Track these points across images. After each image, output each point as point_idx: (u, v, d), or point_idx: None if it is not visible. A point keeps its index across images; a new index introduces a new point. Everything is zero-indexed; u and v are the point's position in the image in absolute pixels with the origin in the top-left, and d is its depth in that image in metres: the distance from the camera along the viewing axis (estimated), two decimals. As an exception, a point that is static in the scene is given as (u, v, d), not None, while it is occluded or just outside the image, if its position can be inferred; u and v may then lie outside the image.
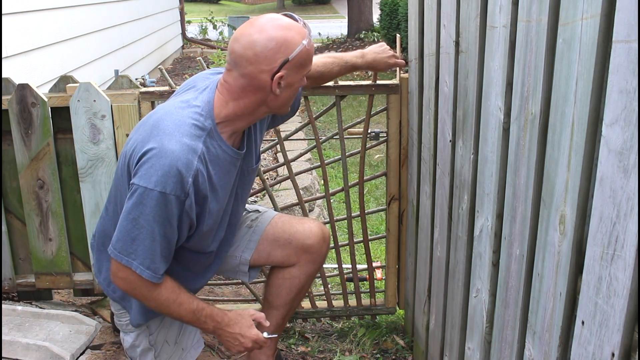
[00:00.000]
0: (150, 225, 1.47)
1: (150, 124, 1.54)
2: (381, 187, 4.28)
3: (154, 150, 1.47)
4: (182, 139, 1.48)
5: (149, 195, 1.45)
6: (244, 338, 1.66)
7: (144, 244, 1.49)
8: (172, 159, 1.44)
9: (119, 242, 1.51)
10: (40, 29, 4.26)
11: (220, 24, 11.97)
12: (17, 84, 2.13)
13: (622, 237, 0.87)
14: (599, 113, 0.95)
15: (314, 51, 1.60)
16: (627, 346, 0.88)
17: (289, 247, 1.89)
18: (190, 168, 1.46)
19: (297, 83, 1.55)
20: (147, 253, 1.50)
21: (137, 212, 1.47)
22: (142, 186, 1.45)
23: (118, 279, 1.56)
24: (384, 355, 2.35)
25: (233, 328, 1.65)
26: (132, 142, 1.56)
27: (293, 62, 1.49)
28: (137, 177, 1.47)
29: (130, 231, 1.49)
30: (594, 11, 0.93)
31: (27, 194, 2.22)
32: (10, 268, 2.33)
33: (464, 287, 1.67)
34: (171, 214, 1.48)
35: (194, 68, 8.72)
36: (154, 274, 1.52)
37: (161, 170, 1.44)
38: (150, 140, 1.49)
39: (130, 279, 1.53)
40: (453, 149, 1.74)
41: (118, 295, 1.73)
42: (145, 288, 1.55)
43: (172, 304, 1.59)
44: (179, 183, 1.45)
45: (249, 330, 1.66)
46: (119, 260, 1.52)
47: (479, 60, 1.47)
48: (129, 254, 1.50)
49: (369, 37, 12.52)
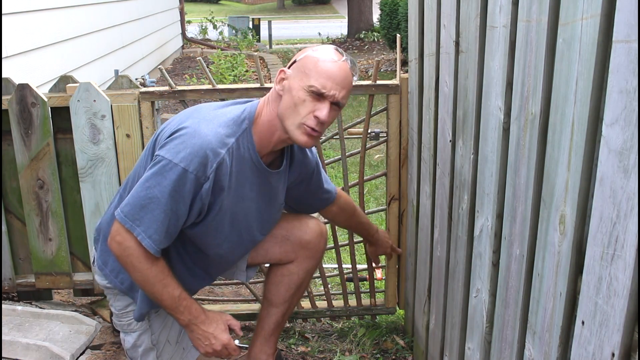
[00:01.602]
0: (164, 197, 1.49)
1: (192, 109, 1.63)
2: (381, 187, 4.28)
3: (187, 129, 1.52)
4: (217, 129, 1.53)
5: (171, 168, 1.48)
6: (215, 339, 1.65)
7: (153, 214, 1.50)
8: (203, 141, 1.49)
9: (128, 205, 1.52)
10: (40, 29, 4.26)
11: (220, 24, 11.97)
12: (17, 84, 2.13)
13: (622, 237, 0.87)
14: (599, 113, 0.95)
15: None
16: (627, 346, 0.88)
17: (286, 244, 1.89)
18: (217, 155, 1.50)
19: (294, 91, 1.53)
20: (152, 223, 1.51)
21: (155, 181, 1.49)
22: (167, 159, 1.49)
23: (114, 242, 1.56)
24: (384, 355, 2.35)
25: (207, 327, 1.65)
26: (166, 123, 1.62)
27: (298, 64, 1.55)
28: (164, 150, 1.51)
29: (143, 198, 1.51)
30: (594, 11, 0.93)
31: (27, 194, 2.22)
32: (10, 268, 2.33)
33: (464, 287, 1.67)
34: (187, 193, 1.50)
35: (194, 68, 8.72)
36: (154, 244, 1.52)
37: (190, 148, 1.48)
38: (186, 120, 1.55)
39: (127, 244, 1.53)
40: (453, 149, 1.74)
41: (126, 286, 1.71)
42: (139, 258, 1.54)
43: (158, 282, 1.58)
44: (203, 165, 1.48)
45: (222, 333, 1.66)
46: (122, 223, 1.53)
47: (479, 60, 1.47)
48: (134, 219, 1.51)
49: (369, 37, 12.53)
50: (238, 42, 10.49)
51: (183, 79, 7.59)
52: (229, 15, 15.19)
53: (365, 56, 10.85)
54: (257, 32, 12.31)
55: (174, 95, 2.19)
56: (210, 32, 12.19)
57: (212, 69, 7.32)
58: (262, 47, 11.91)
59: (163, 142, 1.54)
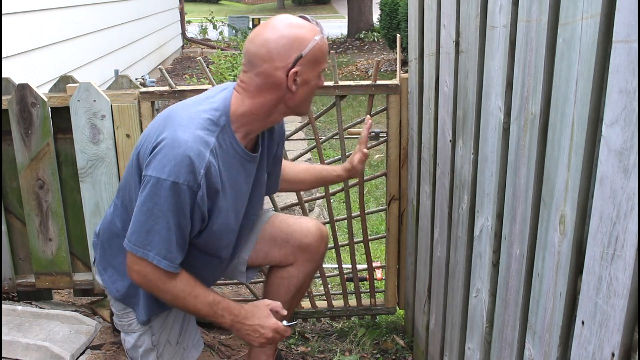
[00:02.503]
0: (165, 215, 1.48)
1: (165, 116, 1.57)
2: (381, 187, 4.28)
3: (166, 141, 1.48)
4: (195, 131, 1.49)
5: (162, 185, 1.46)
6: (264, 329, 1.63)
7: (160, 235, 1.50)
8: (185, 149, 1.46)
9: (134, 234, 1.52)
10: (40, 29, 4.26)
11: (220, 24, 11.97)
12: (17, 84, 2.13)
13: (622, 237, 0.87)
14: (599, 113, 0.95)
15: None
16: (627, 346, 0.88)
17: (286, 247, 1.88)
18: (203, 159, 1.47)
19: (312, 80, 1.56)
20: (163, 243, 1.50)
21: (152, 203, 1.48)
22: (155, 177, 1.46)
23: (133, 272, 1.56)
24: (384, 355, 2.35)
25: (251, 320, 1.63)
26: (145, 134, 1.58)
27: (307, 58, 1.52)
28: (149, 169, 1.49)
29: (145, 223, 1.50)
30: (594, 11, 0.93)
31: (27, 194, 2.22)
32: (10, 268, 2.33)
33: (464, 287, 1.67)
34: (184, 204, 1.48)
35: (194, 68, 8.71)
36: (171, 263, 1.53)
37: (174, 160, 1.45)
38: (163, 131, 1.52)
39: (145, 271, 1.53)
40: (453, 149, 1.73)
41: (123, 294, 1.72)
42: (161, 280, 1.55)
43: (188, 296, 1.58)
44: (192, 173, 1.46)
45: (267, 320, 1.64)
46: (134, 253, 1.52)
47: (479, 60, 1.47)
48: (144, 245, 1.51)
49: (369, 37, 12.52)
50: (238, 42, 10.49)
51: (183, 79, 7.59)
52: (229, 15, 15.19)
53: (365, 56, 10.85)
54: (257, 32, 12.28)
55: (174, 95, 2.19)
56: (210, 32, 12.19)
57: (212, 69, 7.31)
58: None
59: (147, 160, 1.51)
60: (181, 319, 1.83)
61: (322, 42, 1.54)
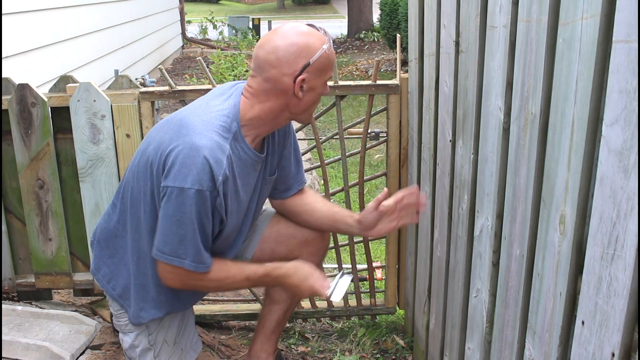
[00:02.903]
0: (192, 223, 1.53)
1: (177, 123, 1.58)
2: (381, 187, 4.28)
3: (184, 150, 1.50)
4: (211, 138, 1.52)
5: (187, 194, 1.49)
6: (299, 289, 1.71)
7: (191, 242, 1.55)
8: (204, 157, 1.49)
9: (167, 245, 1.56)
10: (40, 29, 4.26)
11: (220, 24, 11.97)
12: (17, 84, 2.13)
13: (622, 237, 0.87)
14: (599, 113, 0.95)
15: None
16: (627, 346, 0.88)
17: (292, 241, 1.90)
18: (221, 166, 1.51)
19: (318, 88, 1.60)
20: (195, 249, 1.56)
21: (180, 213, 1.51)
22: (178, 187, 1.49)
23: (170, 280, 1.62)
24: (384, 355, 2.35)
25: (290, 279, 1.71)
26: (157, 142, 1.58)
27: (314, 66, 1.55)
28: (170, 179, 1.50)
29: (176, 233, 1.54)
30: (594, 11, 0.93)
31: (27, 194, 2.22)
32: (10, 268, 2.33)
33: (464, 287, 1.67)
34: (208, 210, 1.53)
35: (194, 68, 8.71)
36: (205, 265, 1.59)
37: (195, 169, 1.48)
38: (178, 139, 1.53)
39: (181, 276, 1.60)
40: (453, 149, 1.74)
41: (117, 293, 1.74)
42: (198, 279, 1.62)
43: (225, 281, 1.66)
44: (212, 180, 1.50)
45: (307, 279, 1.70)
46: (169, 263, 1.57)
47: (479, 60, 1.47)
48: (178, 255, 1.56)
49: (369, 37, 12.52)
50: (238, 42, 10.49)
51: (183, 79, 7.59)
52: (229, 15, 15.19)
53: (365, 56, 10.85)
54: (257, 32, 12.30)
55: (174, 95, 2.19)
56: (210, 32, 12.19)
57: (212, 69, 7.31)
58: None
59: (166, 170, 1.52)
60: (179, 319, 1.84)
61: (329, 51, 1.58)
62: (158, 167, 1.54)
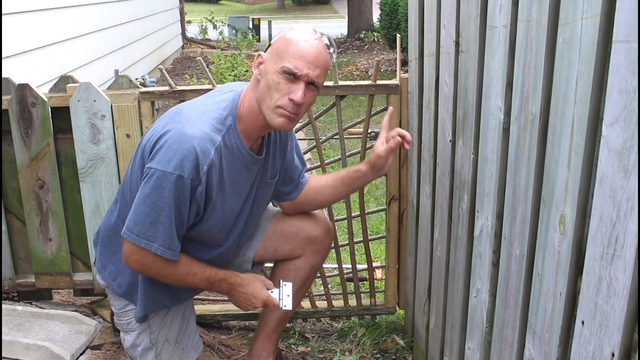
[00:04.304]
0: (169, 207, 1.51)
1: (173, 112, 1.61)
2: (381, 187, 4.28)
3: (172, 135, 1.51)
4: (202, 128, 1.52)
5: (167, 178, 1.49)
6: (255, 298, 1.72)
7: (164, 226, 1.53)
8: (191, 144, 1.49)
9: (137, 225, 1.54)
10: (40, 29, 4.26)
11: (220, 24, 11.96)
12: (17, 84, 2.13)
13: (622, 237, 0.87)
14: (599, 113, 0.95)
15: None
16: (627, 346, 0.88)
17: (295, 240, 1.91)
18: (207, 156, 1.51)
19: (270, 74, 1.53)
20: (166, 234, 1.54)
21: (156, 195, 1.50)
22: (161, 170, 1.49)
23: (132, 261, 1.60)
24: (384, 355, 2.35)
25: (245, 288, 1.72)
26: (152, 129, 1.60)
27: (272, 47, 1.57)
28: (154, 161, 1.51)
29: (149, 214, 1.52)
30: (594, 11, 0.93)
31: (27, 194, 2.22)
32: (10, 268, 2.33)
33: (464, 287, 1.67)
34: (186, 197, 1.52)
35: (194, 68, 8.71)
36: (174, 252, 1.58)
37: (180, 154, 1.48)
38: (169, 125, 1.54)
39: (146, 259, 1.58)
40: (453, 148, 1.74)
41: (123, 290, 1.73)
42: (162, 266, 1.60)
43: (186, 276, 1.65)
44: (195, 169, 1.50)
45: (260, 291, 1.73)
46: (136, 244, 1.55)
47: (479, 60, 1.47)
48: (148, 237, 1.54)
49: (369, 37, 12.52)
50: (238, 42, 10.49)
51: (183, 79, 7.59)
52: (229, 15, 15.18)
53: (365, 56, 10.85)
54: (257, 32, 12.30)
55: (174, 95, 2.19)
56: (210, 32, 12.19)
57: (212, 69, 7.31)
58: (262, 47, 11.81)
59: (151, 152, 1.53)
60: (180, 318, 1.84)
61: (295, 39, 1.52)
62: (148, 150, 1.55)
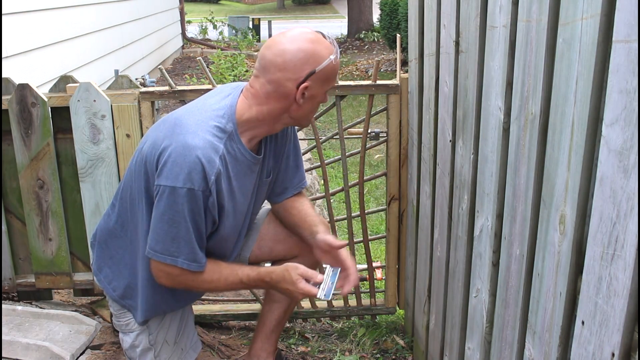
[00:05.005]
0: (185, 222, 1.52)
1: (172, 122, 1.59)
2: (381, 187, 4.28)
3: (176, 148, 1.51)
4: (204, 137, 1.52)
5: (178, 193, 1.49)
6: (293, 294, 1.69)
7: (185, 240, 1.54)
8: (196, 156, 1.49)
9: (159, 243, 1.55)
10: (40, 29, 4.26)
11: (220, 24, 11.96)
12: (17, 84, 2.13)
13: (622, 237, 0.87)
14: (599, 113, 0.95)
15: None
16: (627, 346, 0.88)
17: (290, 240, 1.90)
18: (213, 166, 1.51)
19: (319, 97, 1.59)
20: (188, 248, 1.56)
21: (172, 211, 1.51)
22: (170, 186, 1.49)
23: (163, 279, 1.61)
24: (384, 355, 2.35)
25: (282, 284, 1.69)
26: (151, 140, 1.59)
27: (318, 75, 1.54)
28: (162, 178, 1.51)
29: (169, 231, 1.53)
30: (594, 11, 0.93)
31: (27, 194, 2.22)
32: (10, 268, 2.33)
33: (464, 287, 1.67)
34: (200, 208, 1.53)
35: (194, 68, 8.71)
36: (199, 264, 1.59)
37: (187, 167, 1.48)
38: (171, 138, 1.53)
39: (175, 274, 1.59)
40: (453, 149, 1.74)
41: (118, 294, 1.74)
42: (191, 278, 1.61)
43: (218, 282, 1.65)
44: (204, 179, 1.50)
45: (295, 284, 1.66)
46: (162, 261, 1.57)
47: (479, 60, 1.47)
48: (171, 253, 1.55)
49: (369, 37, 12.52)
50: (238, 42, 10.49)
51: (183, 79, 7.59)
52: (229, 15, 15.18)
53: (365, 56, 10.85)
54: (257, 32, 12.30)
55: (174, 95, 2.19)
56: (210, 32, 12.18)
57: (212, 69, 7.31)
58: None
59: (157, 169, 1.52)
60: (178, 319, 1.84)
61: (335, 62, 1.57)
62: (152, 166, 1.55)
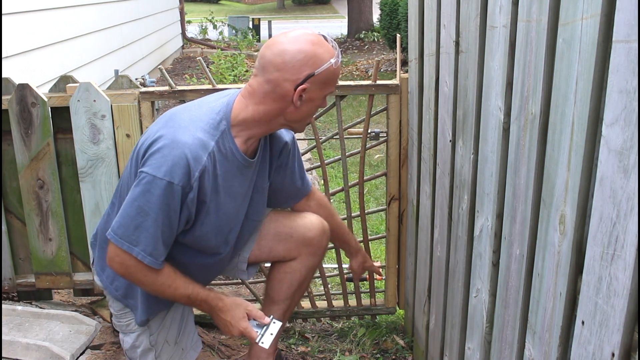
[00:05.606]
0: (155, 213, 1.50)
1: (168, 116, 1.60)
2: (381, 187, 4.28)
3: (165, 141, 1.51)
4: (195, 133, 1.52)
5: (157, 184, 1.48)
6: (233, 327, 1.67)
7: (148, 232, 1.52)
8: (183, 151, 1.48)
9: (121, 227, 1.53)
10: (40, 29, 4.26)
11: (220, 24, 11.96)
12: (17, 84, 2.13)
13: (622, 237, 0.87)
14: (599, 113, 0.95)
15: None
16: (627, 346, 0.88)
17: (290, 241, 1.89)
18: (199, 162, 1.50)
19: (317, 100, 1.58)
20: (149, 240, 1.52)
21: (144, 199, 1.50)
22: (151, 174, 1.49)
23: (115, 263, 1.58)
24: (384, 355, 2.35)
25: (225, 315, 1.67)
26: (146, 134, 1.60)
27: (317, 78, 1.53)
28: (146, 166, 1.51)
29: (134, 218, 1.51)
30: (594, 11, 0.93)
31: (27, 194, 2.22)
32: (10, 268, 2.33)
33: (464, 287, 1.67)
34: (176, 204, 1.51)
35: (194, 68, 8.71)
36: (155, 260, 1.55)
37: (171, 160, 1.48)
38: (163, 130, 1.54)
39: (128, 263, 1.55)
40: (453, 149, 1.74)
41: (120, 294, 1.73)
42: (142, 273, 1.57)
43: (167, 288, 1.62)
44: (187, 175, 1.49)
45: (239, 321, 1.67)
46: (119, 246, 1.54)
47: (479, 60, 1.47)
48: (130, 240, 1.52)
49: (369, 37, 12.52)
50: (238, 42, 10.49)
51: (183, 79, 7.59)
52: (229, 15, 15.18)
53: (365, 56, 10.85)
54: (257, 32, 12.30)
55: (174, 95, 2.19)
56: (210, 32, 12.19)
57: (212, 69, 7.32)
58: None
59: (144, 158, 1.53)
60: (179, 319, 1.84)
61: (336, 65, 1.56)
62: (141, 154, 1.55)
